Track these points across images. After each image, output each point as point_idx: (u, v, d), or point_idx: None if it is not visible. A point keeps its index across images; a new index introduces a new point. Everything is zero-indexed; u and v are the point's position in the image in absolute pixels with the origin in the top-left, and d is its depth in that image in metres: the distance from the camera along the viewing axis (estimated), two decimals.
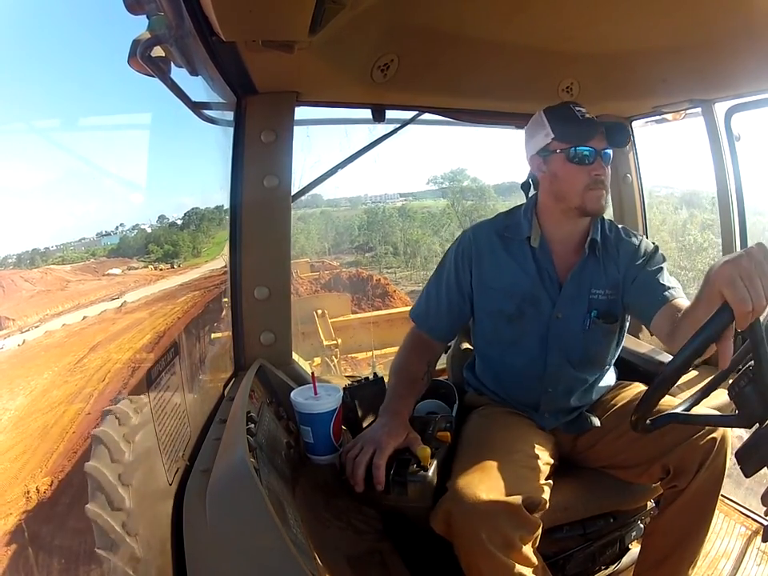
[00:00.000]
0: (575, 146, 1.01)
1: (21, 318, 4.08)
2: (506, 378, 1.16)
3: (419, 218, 23.05)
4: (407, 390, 1.05)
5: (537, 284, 1.08)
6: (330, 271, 15.69)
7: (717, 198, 1.61)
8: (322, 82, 1.20)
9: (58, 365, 3.18)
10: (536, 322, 1.09)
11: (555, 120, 1.04)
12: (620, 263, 1.09)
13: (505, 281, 1.10)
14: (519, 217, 1.14)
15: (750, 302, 0.64)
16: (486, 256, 1.12)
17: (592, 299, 1.08)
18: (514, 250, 1.11)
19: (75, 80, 20.52)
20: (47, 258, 12.02)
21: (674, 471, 0.99)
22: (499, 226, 1.14)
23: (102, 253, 14.63)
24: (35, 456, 1.52)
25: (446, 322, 1.15)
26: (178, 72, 0.93)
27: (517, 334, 1.10)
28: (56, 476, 1.05)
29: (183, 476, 0.75)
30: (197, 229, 16.68)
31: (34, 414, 2.07)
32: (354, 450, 0.92)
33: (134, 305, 6.34)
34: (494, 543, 0.82)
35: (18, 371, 2.40)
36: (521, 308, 1.09)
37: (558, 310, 1.08)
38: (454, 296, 1.14)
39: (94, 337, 4.23)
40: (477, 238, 1.13)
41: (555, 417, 1.13)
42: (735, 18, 1.11)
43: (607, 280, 1.08)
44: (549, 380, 1.10)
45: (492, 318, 1.12)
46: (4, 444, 1.62)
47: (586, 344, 1.09)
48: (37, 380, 2.63)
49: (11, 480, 1.32)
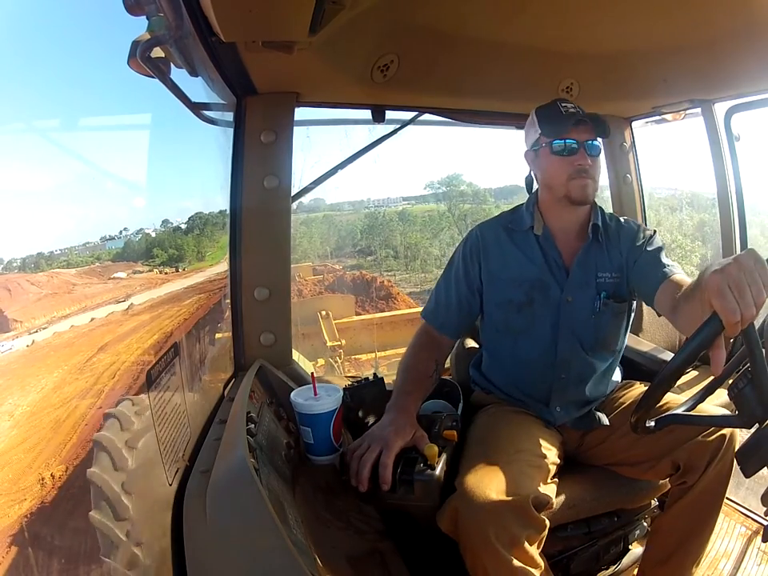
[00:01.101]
0: (556, 139, 1.06)
1: (29, 319, 4.11)
2: (516, 371, 1.16)
3: (419, 222, 23.39)
4: (415, 388, 1.05)
5: (544, 270, 1.11)
6: (333, 274, 15.74)
7: (717, 198, 1.61)
8: (322, 83, 1.20)
9: (68, 363, 3.22)
10: (546, 307, 1.10)
11: (542, 117, 1.10)
12: (622, 247, 1.12)
13: (512, 270, 1.13)
14: (522, 211, 1.18)
15: (738, 312, 0.63)
16: (493, 249, 1.15)
17: (599, 282, 1.10)
18: (520, 241, 1.14)
19: (75, 81, 20.49)
20: (52, 262, 12.07)
21: (683, 468, 1.00)
22: (504, 221, 1.18)
23: (107, 257, 14.69)
24: (48, 447, 1.55)
25: (456, 317, 1.17)
26: (177, 73, 0.93)
27: (527, 321, 1.12)
28: (69, 464, 1.07)
29: (183, 476, 0.75)
30: (201, 233, 16.76)
31: (47, 409, 2.10)
32: (360, 449, 0.91)
33: (140, 307, 6.40)
34: (501, 542, 0.82)
35: (28, 370, 2.42)
36: (530, 295, 1.11)
37: (568, 293, 1.10)
38: (464, 291, 1.16)
39: (103, 337, 4.26)
40: (484, 233, 1.17)
41: (566, 410, 1.13)
42: (735, 18, 1.11)
43: (611, 263, 1.11)
44: (561, 367, 1.11)
45: (502, 309, 1.14)
46: (18, 437, 1.66)
47: (597, 327, 1.11)
48: (48, 378, 2.66)
49: (25, 469, 1.36)
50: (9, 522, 0.92)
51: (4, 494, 1.03)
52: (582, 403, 1.14)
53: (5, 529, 0.88)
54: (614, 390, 1.19)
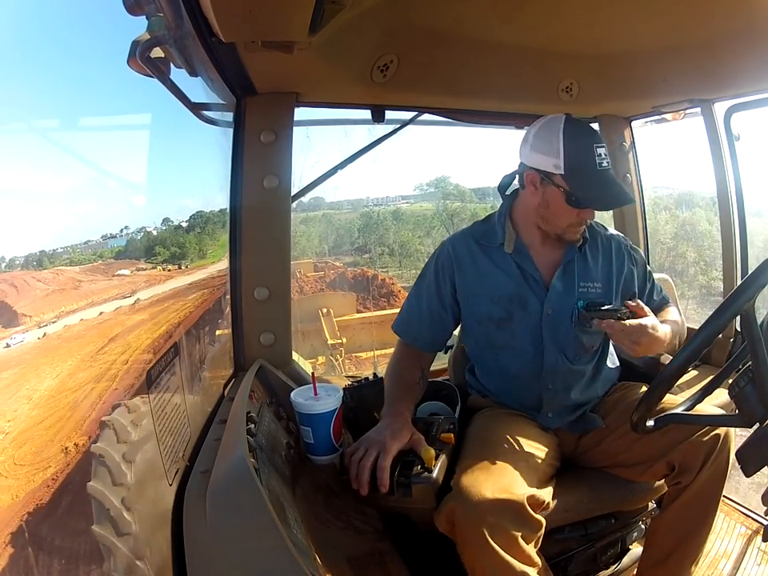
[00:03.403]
0: (584, 201, 0.99)
1: (38, 314, 4.16)
2: (504, 381, 1.16)
3: (413, 221, 24.12)
4: (404, 394, 1.05)
5: (522, 285, 1.08)
6: (334, 270, 15.84)
7: (716, 197, 1.61)
8: (322, 83, 1.20)
9: (80, 353, 3.26)
10: (526, 323, 1.09)
11: (572, 156, 0.97)
12: (613, 260, 1.11)
13: (488, 286, 1.10)
14: (494, 222, 1.13)
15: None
16: (467, 264, 1.11)
17: (581, 292, 1.08)
18: (494, 255, 1.11)
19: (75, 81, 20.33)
20: (54, 260, 12.13)
21: (678, 468, 1.00)
22: (476, 234, 1.13)
23: (110, 255, 14.77)
24: (68, 424, 1.60)
25: (428, 332, 1.14)
26: (177, 73, 0.93)
27: (508, 337, 1.10)
28: (90, 437, 1.09)
29: (183, 476, 0.75)
30: (202, 231, 16.90)
31: (64, 392, 2.13)
32: (357, 453, 0.91)
33: (146, 302, 6.47)
34: (498, 541, 0.83)
35: (42, 360, 2.46)
36: (508, 310, 1.09)
37: (548, 306, 1.08)
38: (435, 307, 1.13)
39: (112, 329, 4.31)
40: (455, 248, 1.13)
41: (558, 416, 1.13)
42: (735, 17, 1.11)
43: (596, 273, 1.10)
44: (547, 378, 1.10)
45: (482, 325, 1.12)
46: (38, 416, 1.73)
47: (577, 335, 1.09)
48: (62, 366, 2.70)
49: (47, 443, 1.41)
50: (34, 486, 0.97)
51: (27, 464, 1.09)
52: (573, 407, 1.14)
53: (31, 492, 0.92)
54: (609, 392, 1.19)
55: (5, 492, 0.87)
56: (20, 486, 0.90)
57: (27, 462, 1.06)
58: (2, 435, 1.14)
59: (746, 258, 1.59)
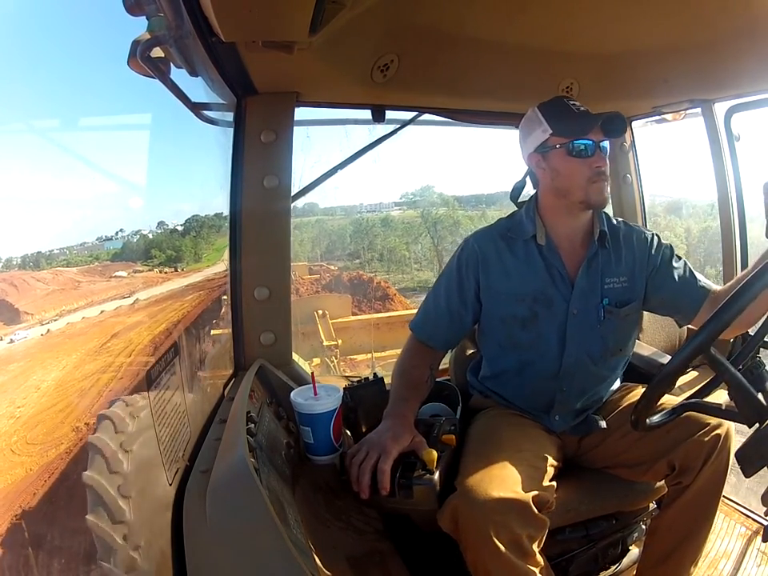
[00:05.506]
0: (575, 140, 1.01)
1: (39, 312, 4.22)
2: (517, 384, 1.14)
3: (401, 228, 25.63)
4: (411, 394, 1.04)
5: (548, 283, 1.07)
6: (329, 273, 15.96)
7: (717, 198, 1.61)
8: (322, 83, 1.20)
9: (85, 347, 3.31)
10: (551, 322, 1.07)
11: (551, 115, 1.03)
12: (636, 251, 1.09)
13: (514, 284, 1.08)
14: (522, 217, 1.13)
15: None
16: (493, 262, 1.10)
17: (606, 289, 1.07)
18: (520, 252, 1.10)
19: (75, 81, 20.44)
20: (52, 261, 12.17)
21: (679, 468, 0.99)
22: (502, 230, 1.13)
23: (106, 257, 14.84)
24: (77, 408, 1.64)
25: (445, 330, 1.13)
26: (177, 73, 0.93)
27: (533, 337, 1.09)
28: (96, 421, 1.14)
29: (183, 476, 0.75)
30: (197, 235, 17.06)
31: (71, 382, 2.18)
32: (358, 456, 0.91)
33: (145, 302, 6.53)
34: (502, 540, 0.82)
35: (46, 354, 2.50)
36: (533, 310, 1.07)
37: (573, 306, 1.07)
38: (455, 304, 1.12)
39: (114, 327, 4.37)
40: (481, 245, 1.11)
41: (564, 419, 1.12)
42: (736, 18, 1.11)
43: (620, 268, 1.08)
44: (564, 379, 1.09)
45: (505, 324, 1.10)
46: (48, 402, 1.80)
47: (604, 335, 1.08)
48: (67, 359, 2.74)
49: (58, 424, 1.47)
50: (47, 461, 1.00)
51: (39, 443, 1.13)
52: (580, 411, 1.13)
53: (45, 464, 0.95)
54: (611, 394, 1.18)
55: (19, 467, 0.91)
56: (33, 461, 0.95)
57: (39, 441, 1.11)
58: (14, 420, 1.19)
59: (746, 259, 1.58)
